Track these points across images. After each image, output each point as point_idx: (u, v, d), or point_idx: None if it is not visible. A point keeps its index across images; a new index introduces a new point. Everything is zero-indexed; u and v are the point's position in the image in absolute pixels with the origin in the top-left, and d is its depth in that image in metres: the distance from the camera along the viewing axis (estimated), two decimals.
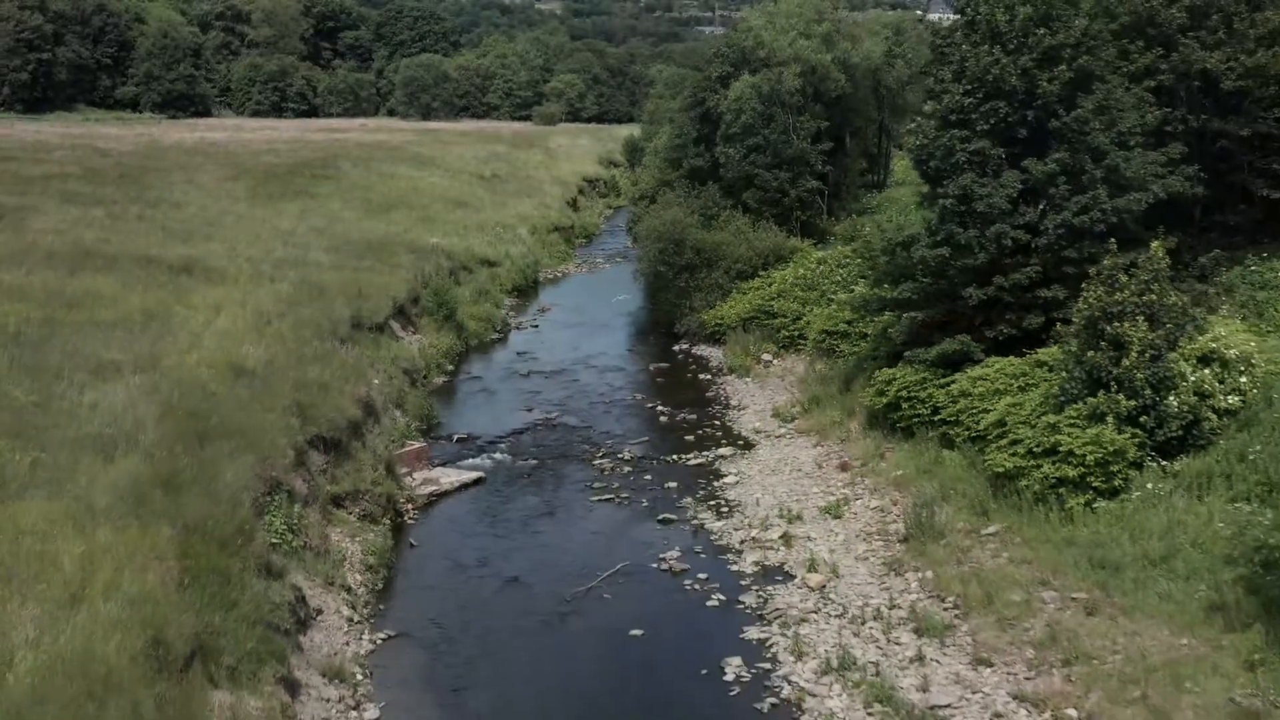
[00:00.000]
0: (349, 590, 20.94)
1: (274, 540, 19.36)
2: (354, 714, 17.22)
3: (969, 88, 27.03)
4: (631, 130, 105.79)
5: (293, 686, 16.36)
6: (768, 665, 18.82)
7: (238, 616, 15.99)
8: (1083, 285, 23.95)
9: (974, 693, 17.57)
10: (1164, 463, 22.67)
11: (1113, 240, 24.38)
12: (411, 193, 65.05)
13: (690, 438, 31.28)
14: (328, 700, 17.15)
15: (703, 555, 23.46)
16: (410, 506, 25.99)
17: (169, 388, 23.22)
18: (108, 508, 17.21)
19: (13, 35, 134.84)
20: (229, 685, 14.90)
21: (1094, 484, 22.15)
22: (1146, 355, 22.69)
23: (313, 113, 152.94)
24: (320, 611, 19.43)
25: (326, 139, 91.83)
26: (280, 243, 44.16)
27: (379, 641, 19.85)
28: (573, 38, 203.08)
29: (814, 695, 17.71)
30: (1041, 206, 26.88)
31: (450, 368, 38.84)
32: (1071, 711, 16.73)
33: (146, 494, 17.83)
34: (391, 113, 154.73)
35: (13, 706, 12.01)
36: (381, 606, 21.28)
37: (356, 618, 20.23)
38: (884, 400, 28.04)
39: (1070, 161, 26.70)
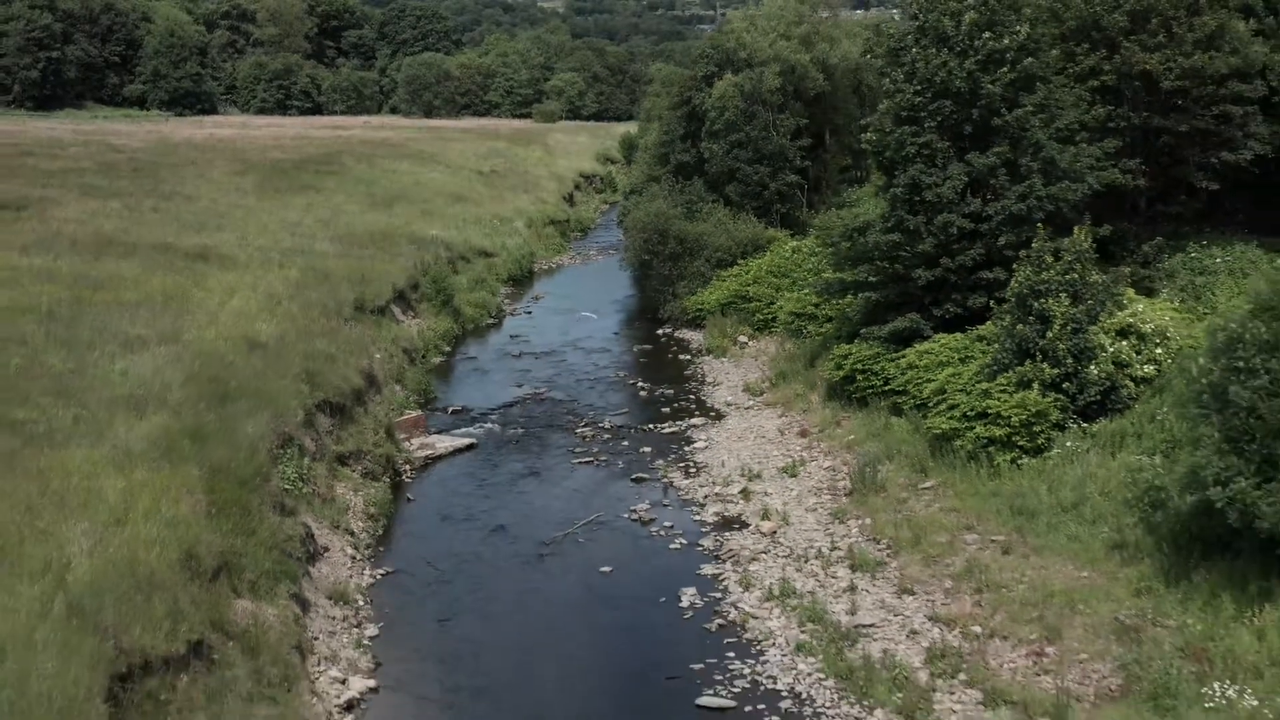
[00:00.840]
0: (352, 534, 23.59)
1: (286, 486, 21.97)
2: (356, 631, 19.89)
3: (919, 88, 29.62)
4: (629, 128, 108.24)
5: (303, 603, 19.00)
6: (719, 595, 21.48)
7: (256, 542, 18.63)
8: (1014, 266, 26.58)
9: (895, 615, 20.21)
10: (1084, 424, 25.26)
11: (1040, 226, 26.96)
12: (413, 187, 67.64)
13: (667, 410, 33.93)
14: (333, 618, 19.81)
15: (669, 507, 26.12)
16: (408, 467, 28.64)
17: (191, 358, 25.82)
18: (143, 453, 19.80)
19: (23, 34, 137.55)
20: (250, 596, 17.54)
21: (1019, 443, 24.77)
22: (1069, 328, 25.31)
23: (317, 110, 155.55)
24: (327, 549, 22.07)
25: (331, 136, 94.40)
26: (288, 233, 46.73)
27: (378, 576, 22.51)
28: (574, 36, 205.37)
29: (756, 618, 20.37)
30: (984, 196, 29.46)
31: (447, 349, 41.46)
32: (977, 628, 19.35)
33: (176, 442, 20.43)
34: (394, 110, 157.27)
35: (76, 597, 14.60)
36: (381, 548, 23.94)
37: (358, 556, 22.89)
38: (841, 373, 30.67)
39: (1011, 155, 29.31)
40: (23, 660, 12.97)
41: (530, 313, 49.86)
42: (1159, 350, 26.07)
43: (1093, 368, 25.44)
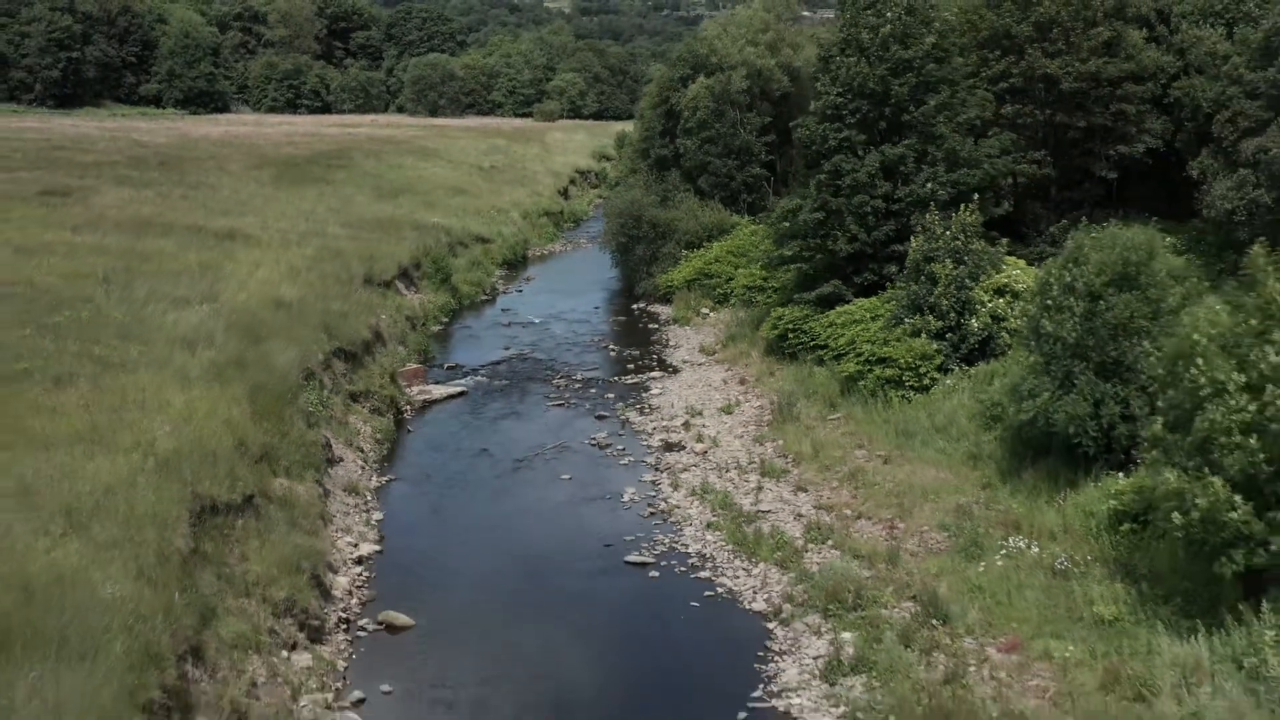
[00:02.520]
0: (362, 450, 29.10)
1: (310, 409, 27.44)
2: (365, 514, 25.41)
3: (840, 90, 35.04)
4: (627, 127, 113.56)
5: (325, 490, 24.51)
6: (653, 493, 27.01)
7: (289, 441, 24.12)
8: (911, 236, 32.04)
9: (788, 505, 25.69)
10: (966, 368, 30.69)
11: (933, 205, 32.39)
12: (417, 181, 73.16)
13: (631, 366, 39.41)
14: (347, 504, 25.32)
15: (623, 436, 31.61)
16: (409, 408, 34.13)
17: (228, 312, 31.27)
18: (198, 376, 25.25)
19: (44, 35, 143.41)
20: (285, 477, 23.02)
21: (909, 381, 30.22)
22: (953, 287, 30.74)
23: (326, 109, 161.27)
24: (342, 459, 27.56)
25: (340, 133, 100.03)
26: (303, 219, 52.20)
27: (383, 481, 28.03)
28: (579, 36, 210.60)
29: (679, 507, 25.91)
30: (895, 181, 34.86)
31: (445, 319, 46.96)
32: (848, 512, 24.80)
33: (223, 369, 25.90)
34: (400, 109, 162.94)
35: (161, 461, 20.03)
36: (385, 463, 29.46)
37: (367, 466, 28.40)
38: (776, 332, 36.13)
39: (920, 146, 34.72)
40: (129, 493, 18.42)
41: (521, 291, 55.31)
42: (1031, 307, 31.40)
43: (973, 320, 30.88)
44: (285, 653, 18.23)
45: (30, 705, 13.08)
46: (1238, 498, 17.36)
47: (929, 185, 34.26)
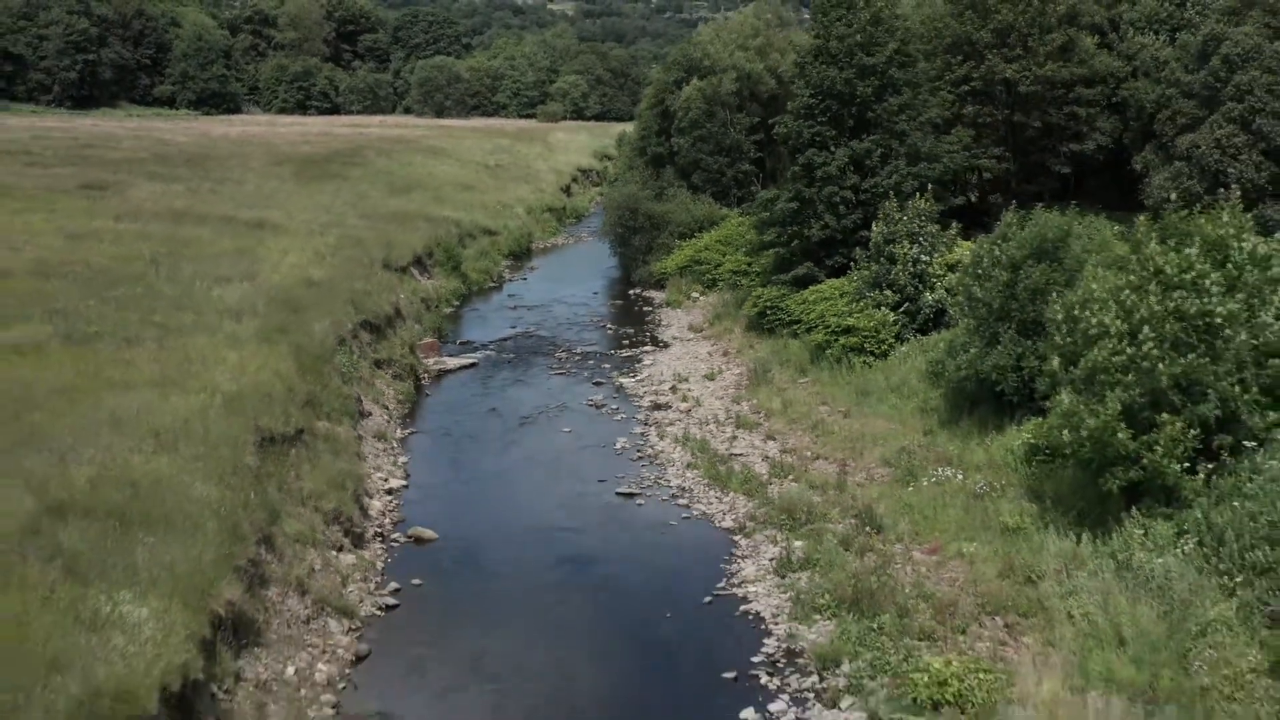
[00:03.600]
0: (387, 409, 33.10)
1: (343, 369, 31.42)
2: (393, 456, 29.41)
3: (812, 92, 39.00)
4: (628, 128, 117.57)
5: (359, 435, 28.48)
6: (642, 442, 30.99)
7: (328, 392, 28.15)
8: (874, 221, 36.00)
9: (758, 449, 29.68)
10: (921, 337, 34.62)
11: (892, 195, 36.35)
12: (427, 177, 77.16)
13: (626, 342, 43.41)
14: (378, 448, 29.33)
15: (617, 399, 35.61)
16: (426, 376, 38.11)
17: (266, 289, 35.27)
18: (247, 339, 29.22)
19: (62, 38, 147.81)
20: (327, 420, 27.02)
21: (869, 348, 34.18)
22: (910, 265, 34.67)
23: (334, 110, 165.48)
24: (370, 413, 31.54)
25: (352, 133, 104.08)
26: (323, 211, 56.19)
27: (406, 434, 32.00)
28: (582, 39, 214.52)
29: (664, 452, 29.88)
30: (862, 173, 38.80)
31: (456, 302, 50.95)
32: (808, 454, 28.76)
33: (268, 333, 29.88)
34: (408, 110, 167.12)
35: (226, 400, 23.98)
36: (407, 420, 33.43)
37: (392, 420, 32.40)
38: (756, 310, 40.10)
39: (884, 142, 38.66)
40: (204, 421, 22.38)
41: (525, 279, 59.30)
42: None
43: (928, 294, 34.82)
44: (334, 552, 22.22)
45: (149, 564, 17.03)
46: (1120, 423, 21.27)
47: (893, 177, 38.17)
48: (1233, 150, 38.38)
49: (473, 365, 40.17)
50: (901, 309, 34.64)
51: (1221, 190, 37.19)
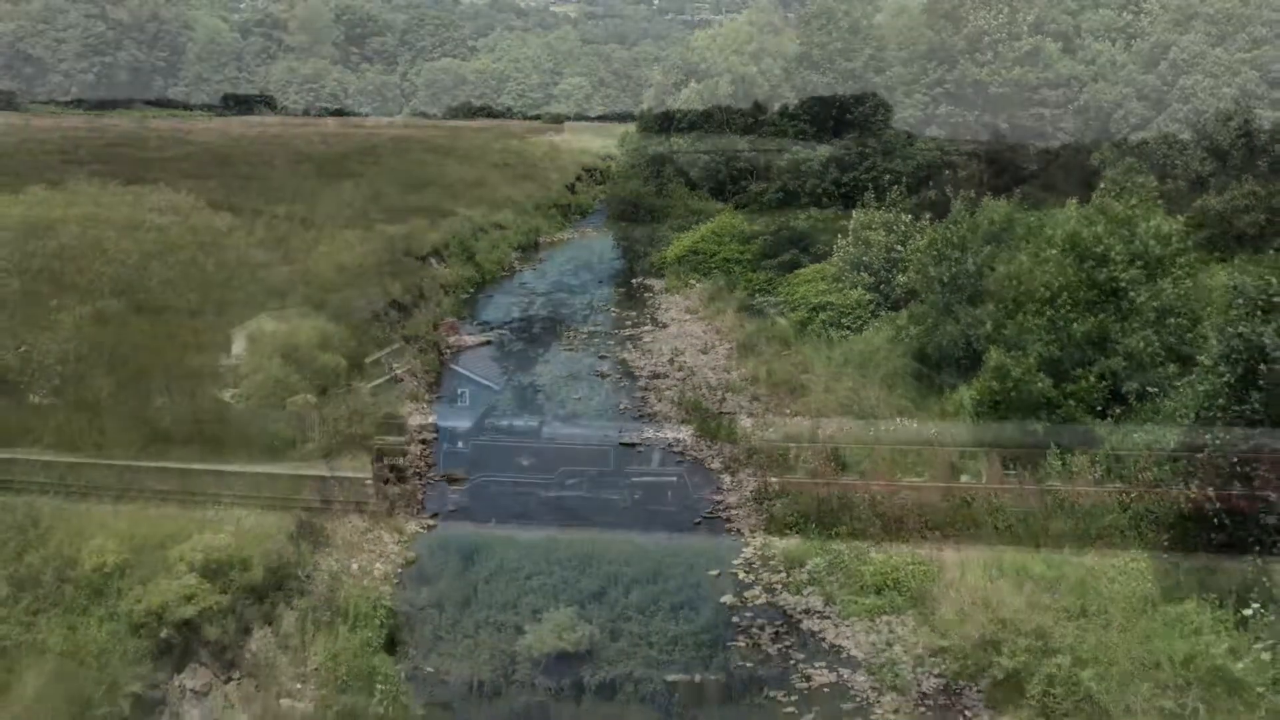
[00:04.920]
0: (415, 376, 37.18)
1: (377, 339, 35.50)
2: (423, 415, 33.48)
3: (797, 94, 43.06)
4: (631, 129, 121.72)
5: (396, 395, 32.60)
6: (642, 403, 35.08)
7: (365, 350, 32.24)
8: (853, 212, 40.09)
9: (744, 409, 33.74)
10: (893, 314, 38.65)
11: (871, 188, 40.46)
12: (439, 175, 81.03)
13: (629, 323, 47.52)
14: (411, 408, 33.43)
15: (620, 369, 39.71)
16: (447, 351, 42.20)
17: (304, 271, 39.35)
18: (294, 307, 33.31)
19: (80, 41, 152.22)
20: (366, 378, 31.13)
21: (845, 324, 38.25)
22: (884, 249, 38.73)
23: (343, 112, 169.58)
24: (401, 379, 35.63)
25: (364, 133, 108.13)
26: (345, 206, 60.14)
27: (433, 398, 36.12)
28: (585, 41, 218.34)
29: (662, 412, 33.96)
30: (842, 168, 42.92)
31: (471, 289, 54.99)
32: (787, 411, 32.82)
33: (314, 304, 33.97)
34: (415, 112, 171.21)
35: (281, 356, 28.03)
36: (433, 386, 37.54)
37: (420, 385, 36.48)
38: (747, 292, 44.14)
39: (861, 140, 42.77)
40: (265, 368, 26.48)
41: (535, 269, 63.35)
42: None
43: (901, 277, 38.86)
44: (382, 484, 26.33)
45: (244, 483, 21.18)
46: (1041, 374, 25.35)
47: (871, 173, 42.27)
48: (1179, 146, 42.50)
49: (488, 343, 44.24)
50: (877, 289, 38.67)
51: (1169, 181, 41.30)
